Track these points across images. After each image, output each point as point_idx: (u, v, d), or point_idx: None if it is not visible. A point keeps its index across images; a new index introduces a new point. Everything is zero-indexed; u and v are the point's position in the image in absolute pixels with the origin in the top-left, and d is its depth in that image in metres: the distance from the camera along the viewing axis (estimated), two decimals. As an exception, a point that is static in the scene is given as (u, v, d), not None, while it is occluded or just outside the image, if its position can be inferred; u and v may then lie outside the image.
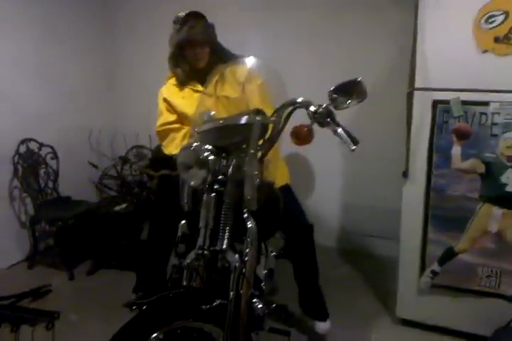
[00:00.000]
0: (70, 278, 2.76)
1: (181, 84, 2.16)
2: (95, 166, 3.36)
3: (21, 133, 2.95)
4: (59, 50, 3.23)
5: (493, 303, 2.05)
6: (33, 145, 3.00)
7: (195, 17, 2.06)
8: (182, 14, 2.08)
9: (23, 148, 2.94)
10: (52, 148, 3.09)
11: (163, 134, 2.18)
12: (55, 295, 2.56)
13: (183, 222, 1.67)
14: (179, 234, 1.68)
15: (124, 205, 2.95)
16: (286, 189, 2.11)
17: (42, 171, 3.04)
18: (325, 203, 3.24)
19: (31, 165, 2.96)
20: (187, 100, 2.11)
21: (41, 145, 3.04)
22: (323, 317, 2.18)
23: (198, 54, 2.07)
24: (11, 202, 2.93)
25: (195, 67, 2.10)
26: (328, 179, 3.23)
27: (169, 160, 3.30)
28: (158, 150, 3.26)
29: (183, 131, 2.16)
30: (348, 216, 3.23)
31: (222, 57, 2.05)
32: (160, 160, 3.21)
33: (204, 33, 2.05)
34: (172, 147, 2.16)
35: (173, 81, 2.20)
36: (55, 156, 3.09)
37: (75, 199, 3.10)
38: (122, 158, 3.45)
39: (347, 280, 2.80)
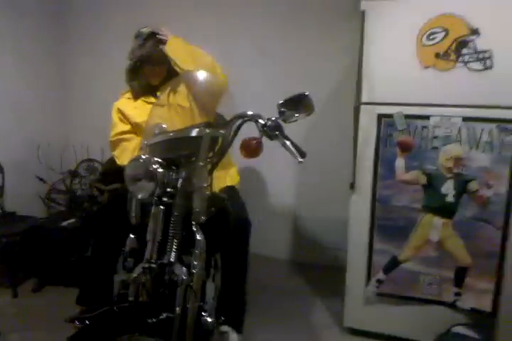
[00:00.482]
0: (13, 296, 2.65)
1: (135, 96, 2.25)
2: (43, 180, 3.26)
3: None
4: (8, 61, 3.13)
5: (434, 310, 2.12)
6: (-23, 160, 2.89)
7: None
8: (145, 30, 2.17)
9: (-36, 163, 2.82)
10: (-4, 162, 2.98)
11: (116, 144, 2.22)
12: (-1, 313, 2.46)
13: (132, 236, 1.66)
14: (127, 248, 1.67)
15: (71, 220, 2.87)
16: (233, 189, 2.16)
17: (-15, 186, 2.92)
18: (276, 216, 3.27)
19: (-27, 179, 2.85)
20: (139, 110, 2.16)
21: (-15, 159, 2.92)
22: (239, 328, 1.98)
23: (156, 71, 2.18)
24: (-47, 216, 2.80)
25: (151, 82, 2.21)
26: (279, 191, 3.27)
27: (120, 174, 3.27)
28: (109, 164, 3.22)
29: (134, 142, 2.19)
30: (298, 228, 3.27)
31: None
32: (111, 173, 3.16)
33: (164, 54, 2.10)
34: (123, 157, 2.17)
35: (128, 95, 2.28)
36: (1, 170, 2.98)
37: (20, 215, 2.98)
38: (72, 172, 3.37)
39: (297, 292, 2.82)
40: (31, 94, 3.36)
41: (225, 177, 2.16)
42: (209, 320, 1.51)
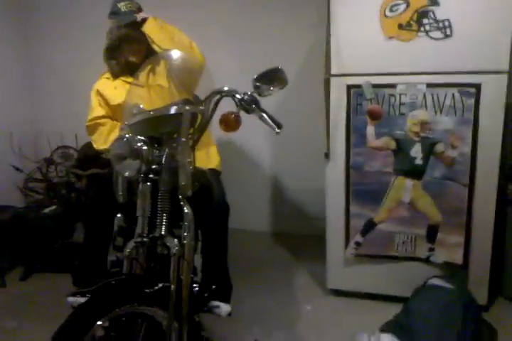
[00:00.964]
0: (1, 285, 2.67)
1: (114, 76, 2.25)
2: (19, 169, 3.25)
3: None
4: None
5: (410, 266, 2.27)
6: (-50, 150, 2.86)
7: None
8: (124, 8, 2.17)
9: None
10: (-30, 152, 2.96)
11: (92, 129, 2.23)
12: (-13, 304, 2.49)
13: (119, 215, 1.71)
14: (115, 228, 1.70)
15: (53, 207, 2.89)
16: (213, 172, 2.21)
17: (-40, 178, 2.91)
18: (255, 189, 3.36)
19: (-51, 171, 2.83)
20: (118, 90, 2.17)
21: (-42, 149, 2.90)
22: (226, 298, 2.04)
23: (135, 49, 2.18)
24: None
25: (130, 61, 2.19)
26: (257, 164, 3.35)
27: (97, 159, 3.29)
28: (85, 150, 3.23)
29: (108, 125, 2.22)
30: (277, 200, 3.37)
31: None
32: (88, 159, 3.18)
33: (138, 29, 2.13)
34: (100, 141, 2.20)
35: (107, 75, 2.28)
36: (-25, 161, 2.97)
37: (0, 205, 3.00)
38: (47, 160, 3.37)
39: (279, 261, 2.94)
40: (1, 84, 3.32)
41: (207, 159, 2.21)
42: (198, 289, 1.59)
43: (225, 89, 1.60)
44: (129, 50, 2.19)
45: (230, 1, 3.11)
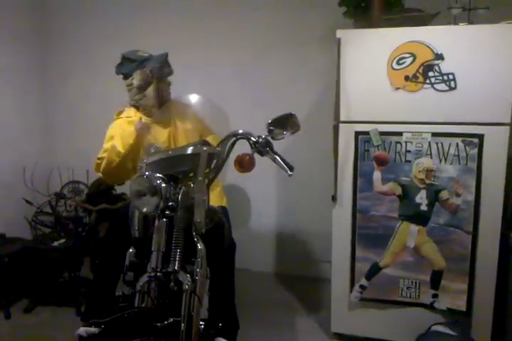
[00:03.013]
0: (6, 317, 2.67)
1: (148, 115, 2.30)
2: (30, 203, 3.31)
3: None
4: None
5: (414, 312, 2.28)
6: (-35, 184, 2.94)
7: (160, 56, 2.30)
8: (145, 55, 2.32)
9: (-46, 185, 2.87)
10: (-16, 185, 3.03)
11: (97, 165, 2.28)
12: (-8, 334, 2.49)
13: (131, 250, 1.75)
14: (127, 262, 1.75)
15: (62, 241, 2.93)
16: (222, 209, 2.26)
17: (-25, 209, 2.97)
18: (261, 230, 3.39)
19: (-37, 202, 2.89)
20: (132, 128, 2.23)
21: (-26, 181, 2.97)
22: (232, 337, 2.06)
23: (164, 86, 2.29)
24: None
25: (160, 98, 2.27)
26: (263, 206, 3.39)
27: (107, 195, 3.36)
28: (96, 185, 3.31)
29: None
30: (282, 240, 3.39)
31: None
32: (98, 194, 3.26)
33: (170, 67, 2.29)
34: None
35: (124, 114, 2.35)
36: (-12, 194, 3.04)
37: (9, 237, 3.03)
38: (57, 194, 3.44)
39: (283, 303, 2.93)
40: (17, 118, 3.44)
41: (216, 197, 2.25)
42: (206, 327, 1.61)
43: (240, 132, 1.71)
44: (160, 85, 2.28)
45: (241, 44, 3.23)
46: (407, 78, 2.15)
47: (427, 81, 2.12)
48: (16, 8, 3.39)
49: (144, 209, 1.57)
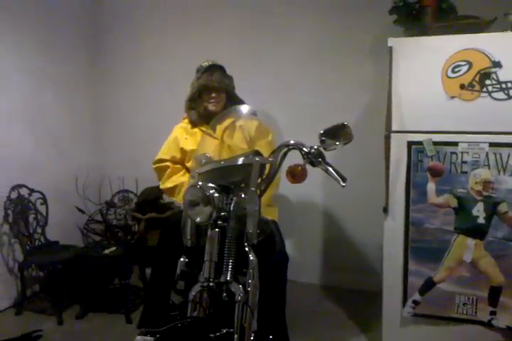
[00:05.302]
0: (59, 323, 2.74)
1: (193, 125, 2.40)
2: (82, 211, 3.41)
3: (13, 179, 2.99)
4: (48, 96, 3.32)
5: (470, 330, 2.19)
6: (24, 191, 3.03)
7: (215, 67, 2.36)
8: (205, 64, 2.36)
9: (14, 194, 2.96)
10: (41, 193, 3.12)
11: (157, 171, 2.45)
12: (45, 339, 2.54)
13: (182, 259, 1.76)
14: (178, 271, 1.76)
15: (113, 248, 2.99)
16: (275, 223, 2.25)
17: (31, 216, 3.05)
18: (308, 241, 3.36)
19: (21, 210, 2.98)
20: (194, 138, 2.32)
21: (31, 191, 3.06)
22: None
23: (213, 98, 2.33)
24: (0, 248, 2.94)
25: (209, 110, 2.34)
26: (310, 216, 3.36)
27: (156, 204, 3.42)
28: (145, 194, 3.38)
29: (170, 168, 2.40)
30: (330, 253, 3.34)
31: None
32: (147, 203, 3.32)
33: (220, 80, 2.33)
34: (162, 181, 2.42)
35: (187, 120, 2.45)
36: (44, 202, 3.13)
37: (62, 244, 3.12)
38: (107, 203, 3.52)
39: (331, 316, 2.88)
40: (70, 129, 3.56)
41: (267, 208, 2.25)
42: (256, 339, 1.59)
43: (292, 142, 1.69)
44: (208, 99, 2.35)
45: (284, 54, 3.23)
46: (462, 86, 2.09)
47: (484, 89, 2.06)
48: (71, 21, 3.52)
49: (197, 219, 1.58)
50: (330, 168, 1.66)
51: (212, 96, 2.34)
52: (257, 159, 1.64)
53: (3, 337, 2.45)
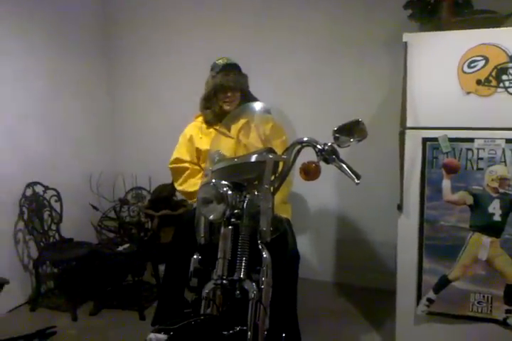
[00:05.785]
0: (73, 319, 2.77)
1: (209, 124, 2.39)
2: (96, 208, 3.43)
3: (28, 176, 3.02)
4: (63, 96, 3.34)
5: (485, 328, 2.16)
6: (39, 189, 3.06)
7: (230, 66, 2.34)
8: (220, 62, 2.35)
9: (29, 191, 2.99)
10: (56, 191, 3.14)
11: (173, 172, 2.44)
12: (60, 335, 2.56)
13: (195, 256, 1.76)
14: (191, 268, 1.76)
15: (126, 245, 3.01)
16: (288, 222, 2.24)
17: (46, 214, 3.08)
18: (322, 239, 3.34)
19: (36, 207, 3.01)
20: (209, 137, 2.31)
21: (46, 188, 3.09)
22: None
23: (228, 97, 2.33)
24: (15, 244, 2.96)
25: (224, 109, 2.34)
26: (324, 213, 3.34)
27: (169, 201, 3.42)
28: (158, 192, 3.39)
29: (188, 170, 2.39)
30: (344, 250, 3.32)
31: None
32: (160, 200, 3.33)
33: (236, 79, 2.31)
34: (179, 182, 2.42)
35: (200, 119, 2.44)
36: (59, 199, 3.15)
37: (77, 241, 3.15)
38: (121, 200, 3.54)
39: (344, 313, 2.86)
40: (84, 128, 3.59)
41: (280, 207, 2.23)
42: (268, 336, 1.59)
43: (306, 139, 1.68)
44: (223, 98, 2.34)
45: (300, 49, 3.21)
46: (479, 82, 2.06)
47: (501, 85, 2.02)
48: (85, 24, 3.56)
49: (211, 217, 1.57)
50: (344, 165, 1.65)
51: (227, 96, 2.33)
52: (270, 156, 1.64)
53: (18, 333, 2.48)
